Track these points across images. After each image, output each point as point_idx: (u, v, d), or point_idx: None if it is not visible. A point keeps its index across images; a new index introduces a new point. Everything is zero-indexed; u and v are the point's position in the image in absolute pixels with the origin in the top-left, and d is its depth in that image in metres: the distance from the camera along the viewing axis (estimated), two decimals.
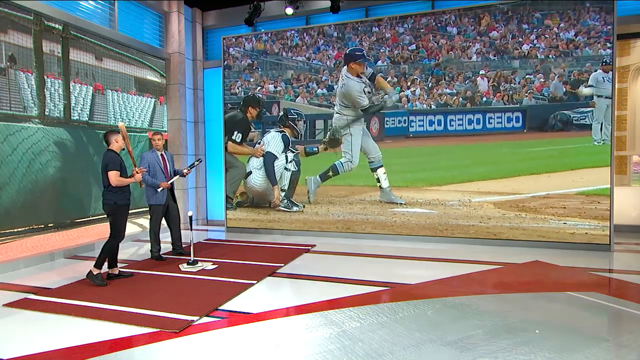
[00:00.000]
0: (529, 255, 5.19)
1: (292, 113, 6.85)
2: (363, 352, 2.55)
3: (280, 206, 6.96)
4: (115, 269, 4.30)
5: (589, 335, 2.78)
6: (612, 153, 5.35)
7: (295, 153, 6.85)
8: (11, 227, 4.88)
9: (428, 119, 6.25)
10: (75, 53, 5.82)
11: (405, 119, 6.33)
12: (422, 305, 3.40)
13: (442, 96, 6.13)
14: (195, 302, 3.54)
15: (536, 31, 5.70)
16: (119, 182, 4.03)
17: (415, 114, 6.30)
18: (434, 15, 6.20)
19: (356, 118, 6.43)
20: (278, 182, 6.92)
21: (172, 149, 7.65)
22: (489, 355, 2.49)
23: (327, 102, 6.73)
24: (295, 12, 7.05)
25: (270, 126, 7.02)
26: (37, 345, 2.77)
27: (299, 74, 6.92)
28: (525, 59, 5.76)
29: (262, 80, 7.12)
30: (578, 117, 5.51)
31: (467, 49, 6.02)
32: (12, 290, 4.00)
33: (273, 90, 7.05)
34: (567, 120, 5.59)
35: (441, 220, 6.10)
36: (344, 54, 6.54)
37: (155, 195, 5.04)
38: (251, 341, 2.81)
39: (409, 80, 6.29)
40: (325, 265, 4.92)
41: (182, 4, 7.68)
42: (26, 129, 5.07)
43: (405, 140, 6.38)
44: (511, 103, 5.86)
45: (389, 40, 6.42)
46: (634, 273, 4.36)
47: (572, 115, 5.55)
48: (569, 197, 5.56)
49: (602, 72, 5.37)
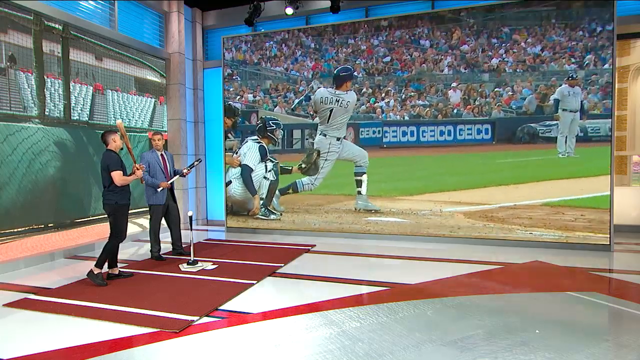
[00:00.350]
0: (529, 255, 5.19)
1: (271, 124, 6.92)
2: (363, 352, 2.55)
3: (259, 214, 7.02)
4: (116, 269, 4.30)
5: (589, 335, 2.78)
6: (612, 153, 5.35)
7: (274, 162, 6.94)
8: (11, 227, 4.88)
9: (401, 129, 6.33)
10: (75, 53, 5.82)
11: (379, 130, 6.42)
12: (422, 305, 3.40)
13: (415, 107, 6.20)
14: (195, 302, 3.54)
15: (504, 45, 5.80)
16: (123, 181, 4.04)
17: (389, 124, 6.38)
18: (408, 29, 6.25)
19: (338, 140, 6.51)
20: (257, 191, 7.02)
21: (172, 149, 7.65)
22: (489, 355, 2.49)
23: (304, 112, 6.83)
24: (295, 12, 7.05)
25: (250, 135, 7.12)
26: (37, 345, 2.77)
27: (277, 84, 7.00)
28: (494, 72, 5.85)
29: (242, 89, 7.21)
30: (544, 130, 5.62)
31: (439, 62, 6.10)
32: (12, 290, 4.00)
33: (252, 100, 7.13)
34: (533, 133, 5.69)
35: (413, 229, 6.21)
36: (334, 77, 6.59)
37: (155, 195, 5.04)
38: (251, 341, 2.81)
39: (384, 92, 6.37)
40: (325, 265, 4.92)
41: (182, 4, 7.68)
42: (26, 129, 5.07)
43: (379, 151, 6.47)
44: (481, 115, 5.93)
45: (364, 52, 6.51)
46: (634, 273, 4.36)
47: (538, 128, 5.66)
48: (535, 208, 5.69)
49: (567, 87, 5.50)
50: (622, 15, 6.01)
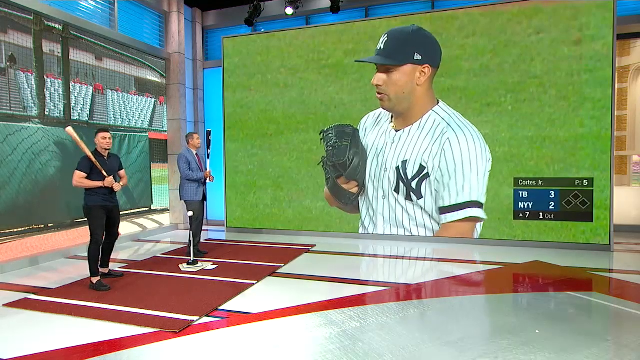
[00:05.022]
0: (529, 255, 5.19)
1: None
2: (363, 352, 2.55)
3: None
4: (106, 268, 4.29)
5: (589, 335, 2.78)
6: (612, 153, 5.35)
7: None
8: (11, 227, 4.88)
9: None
10: (75, 53, 5.82)
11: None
12: (422, 305, 3.40)
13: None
14: (195, 302, 3.54)
15: None
16: (79, 184, 3.91)
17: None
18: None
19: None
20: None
21: (172, 148, 7.65)
22: (489, 355, 2.49)
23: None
24: (295, 12, 7.05)
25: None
26: (37, 345, 2.77)
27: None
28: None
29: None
30: None
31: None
32: (12, 290, 4.00)
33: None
34: None
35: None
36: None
37: (196, 193, 5.11)
38: (251, 341, 2.81)
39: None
40: (325, 265, 4.92)
41: (182, 4, 7.68)
42: (26, 129, 5.07)
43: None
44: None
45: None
46: (634, 273, 4.36)
47: None
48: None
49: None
50: (622, 15, 6.01)
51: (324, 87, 6.66)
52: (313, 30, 6.74)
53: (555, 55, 5.55)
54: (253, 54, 7.08)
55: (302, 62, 6.79)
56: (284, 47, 6.88)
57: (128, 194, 6.57)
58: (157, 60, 7.48)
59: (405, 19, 6.19)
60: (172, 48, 7.64)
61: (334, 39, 6.58)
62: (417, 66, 5.71)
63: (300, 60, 6.79)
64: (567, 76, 5.51)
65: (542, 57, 5.60)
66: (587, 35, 5.41)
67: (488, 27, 5.84)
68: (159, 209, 7.64)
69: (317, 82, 6.70)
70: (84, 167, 3.92)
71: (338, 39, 6.57)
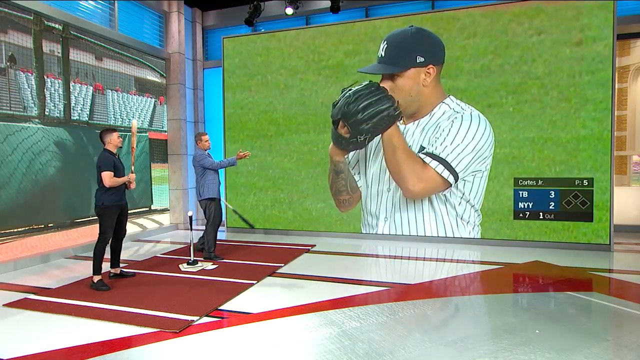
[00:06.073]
0: (529, 255, 5.19)
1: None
2: (363, 352, 2.55)
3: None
4: (117, 268, 4.30)
5: (589, 335, 2.78)
6: (612, 153, 5.35)
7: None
8: (11, 227, 4.88)
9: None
10: (75, 53, 5.82)
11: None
12: (422, 305, 3.40)
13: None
14: (195, 302, 3.54)
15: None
16: (113, 183, 3.99)
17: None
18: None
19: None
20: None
21: (172, 148, 7.65)
22: (489, 355, 2.49)
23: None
24: (295, 12, 7.06)
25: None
26: (37, 345, 2.77)
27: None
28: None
29: None
30: None
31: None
32: (12, 290, 4.00)
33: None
34: None
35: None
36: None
37: (219, 188, 5.08)
38: (251, 341, 2.81)
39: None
40: (325, 265, 4.92)
41: (182, 4, 7.69)
42: (26, 129, 5.07)
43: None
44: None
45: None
46: (634, 273, 4.36)
47: None
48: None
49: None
50: (622, 15, 6.01)
51: (324, 88, 6.66)
52: (313, 31, 6.75)
53: (557, 56, 5.54)
54: (253, 55, 7.08)
55: (302, 63, 6.78)
56: (284, 47, 6.88)
57: (128, 194, 6.54)
58: (157, 60, 7.48)
59: (405, 19, 6.18)
60: (172, 48, 7.64)
61: (334, 39, 6.58)
62: (421, 68, 5.65)
63: (301, 61, 6.79)
64: (569, 77, 5.51)
65: (543, 58, 5.60)
66: (589, 36, 5.40)
67: (489, 28, 5.84)
68: (159, 209, 7.65)
69: (318, 83, 6.70)
70: (109, 166, 3.99)
71: (338, 39, 6.57)
